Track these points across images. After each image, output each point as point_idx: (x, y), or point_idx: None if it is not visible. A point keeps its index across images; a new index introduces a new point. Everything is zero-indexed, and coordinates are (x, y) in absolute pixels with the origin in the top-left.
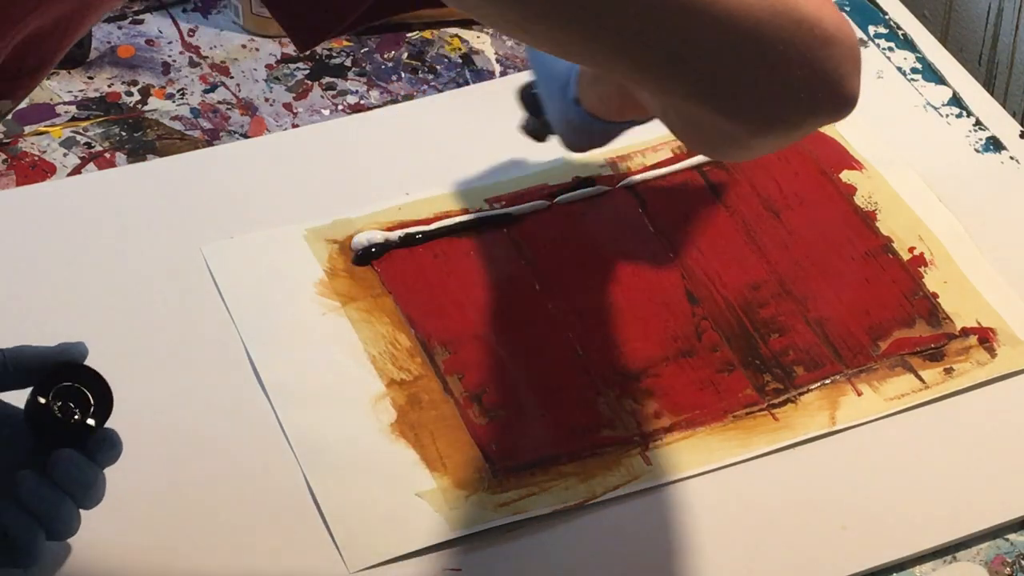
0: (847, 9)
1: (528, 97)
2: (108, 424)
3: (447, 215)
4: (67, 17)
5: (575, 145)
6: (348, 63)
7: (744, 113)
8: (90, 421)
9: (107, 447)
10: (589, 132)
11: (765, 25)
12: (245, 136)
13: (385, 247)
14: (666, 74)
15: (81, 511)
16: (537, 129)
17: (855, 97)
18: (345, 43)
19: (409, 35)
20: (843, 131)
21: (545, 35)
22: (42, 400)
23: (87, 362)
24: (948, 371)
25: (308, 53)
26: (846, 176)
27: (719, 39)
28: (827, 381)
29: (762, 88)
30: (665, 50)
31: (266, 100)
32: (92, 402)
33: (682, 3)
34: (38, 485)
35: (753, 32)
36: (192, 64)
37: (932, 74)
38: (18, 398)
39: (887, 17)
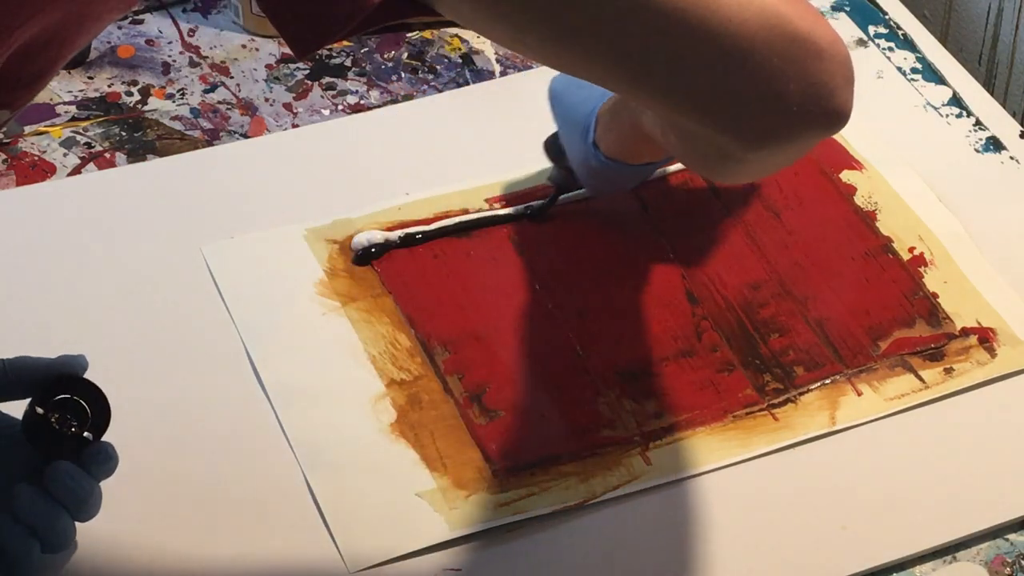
0: (847, 9)
1: (553, 146)
2: (107, 434)
3: (447, 215)
4: (64, 26)
5: (597, 190)
6: (348, 63)
7: (738, 127)
8: (87, 434)
9: (102, 459)
10: (608, 176)
11: (759, 41)
12: (245, 136)
13: (385, 247)
14: (662, 89)
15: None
16: (562, 177)
17: (846, 111)
18: (345, 43)
19: (409, 35)
20: (843, 131)
21: (540, 49)
22: (40, 411)
23: (87, 374)
24: (948, 371)
25: None
26: (846, 176)
27: (715, 55)
28: (827, 381)
29: (756, 102)
30: (661, 65)
31: (266, 100)
32: (90, 415)
33: (679, 20)
34: (34, 498)
35: (747, 48)
36: (192, 64)
37: (932, 74)
38: (17, 409)
39: (887, 17)
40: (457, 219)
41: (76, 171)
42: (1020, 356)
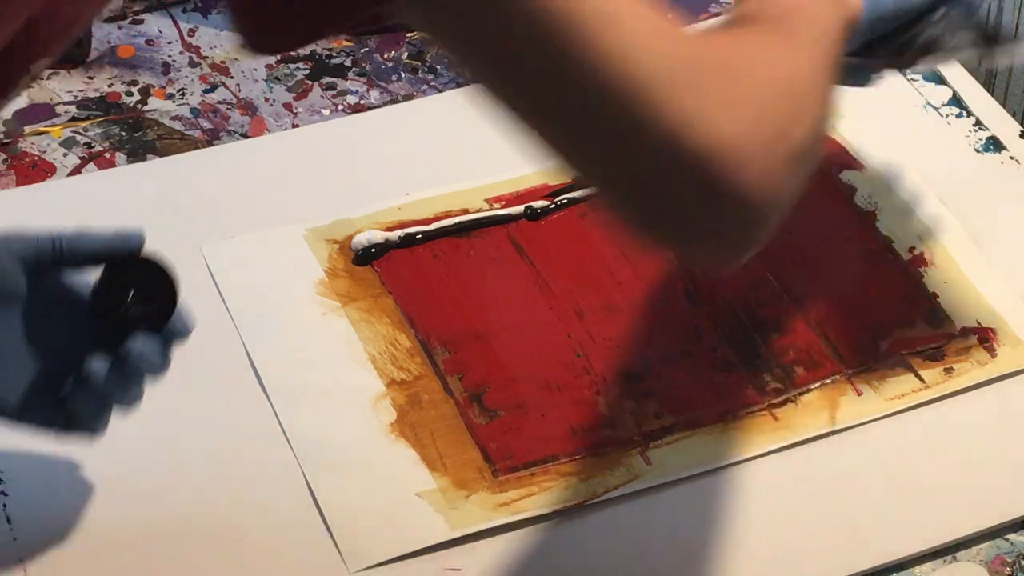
0: None
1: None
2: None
3: (447, 215)
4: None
5: None
6: (348, 63)
7: (644, 228)
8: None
9: (175, 333)
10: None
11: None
12: (245, 136)
13: (385, 247)
14: (580, 172)
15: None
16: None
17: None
18: (345, 43)
19: (409, 35)
20: (843, 131)
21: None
22: (106, 288)
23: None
24: (948, 371)
25: (308, 52)
26: (846, 176)
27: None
28: (827, 381)
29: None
30: (576, 153)
31: (266, 100)
32: (156, 291)
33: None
34: (105, 368)
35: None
36: (192, 64)
37: (932, 74)
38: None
39: None
40: (457, 219)
41: (76, 171)
42: (1020, 356)
